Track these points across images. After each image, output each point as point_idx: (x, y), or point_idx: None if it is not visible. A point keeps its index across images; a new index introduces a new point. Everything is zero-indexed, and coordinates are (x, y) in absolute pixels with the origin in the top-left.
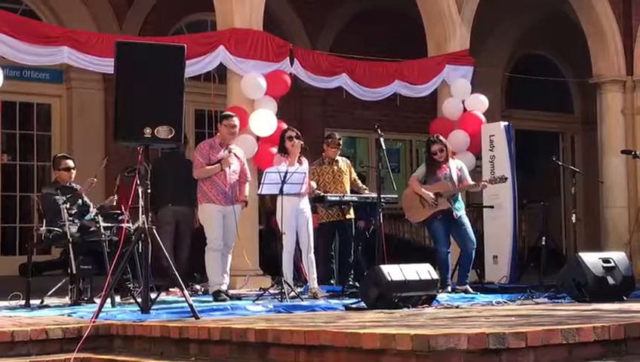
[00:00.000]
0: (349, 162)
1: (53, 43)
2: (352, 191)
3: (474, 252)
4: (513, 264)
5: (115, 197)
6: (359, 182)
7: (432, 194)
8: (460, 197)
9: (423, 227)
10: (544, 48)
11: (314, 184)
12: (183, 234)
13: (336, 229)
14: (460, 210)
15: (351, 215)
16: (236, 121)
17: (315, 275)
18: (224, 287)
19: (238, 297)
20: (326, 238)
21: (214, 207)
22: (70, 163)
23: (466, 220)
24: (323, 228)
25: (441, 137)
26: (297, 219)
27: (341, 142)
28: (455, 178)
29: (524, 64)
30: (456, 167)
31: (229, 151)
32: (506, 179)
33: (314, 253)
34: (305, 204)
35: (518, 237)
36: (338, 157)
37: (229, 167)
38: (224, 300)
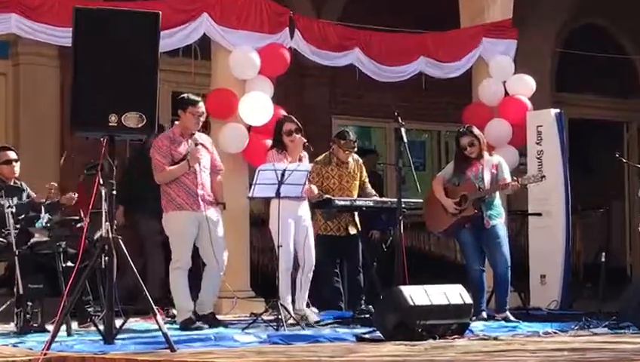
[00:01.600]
0: (360, 161)
1: None
2: (358, 196)
3: (508, 272)
4: (565, 285)
5: (76, 196)
6: (369, 186)
7: (450, 201)
8: (496, 202)
9: (448, 238)
10: (604, 19)
11: (314, 188)
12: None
13: (336, 246)
14: (495, 219)
15: (353, 230)
16: (204, 107)
17: (305, 293)
18: (208, 310)
19: (224, 324)
20: (326, 253)
21: (185, 215)
22: (11, 154)
23: (501, 231)
24: (320, 243)
25: (474, 128)
26: (296, 229)
27: (357, 144)
28: (487, 178)
29: (580, 38)
30: (493, 163)
31: (195, 143)
32: (543, 178)
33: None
34: (304, 211)
35: (571, 252)
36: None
37: (199, 164)
38: (199, 329)
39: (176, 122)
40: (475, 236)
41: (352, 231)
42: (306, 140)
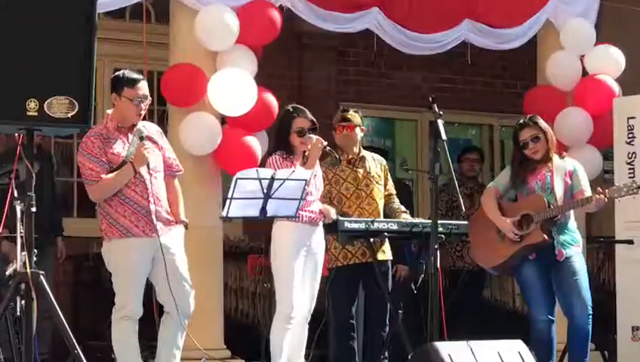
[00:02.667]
0: (384, 162)
1: None
2: (385, 216)
3: (589, 322)
4: None
5: None
6: (396, 201)
7: (508, 221)
8: (570, 224)
9: (505, 276)
10: None
11: (331, 210)
12: None
13: (360, 279)
14: (570, 247)
15: (386, 254)
16: (146, 88)
17: (301, 353)
18: None
19: None
20: (343, 294)
21: (135, 244)
22: None
23: (579, 265)
24: (337, 278)
25: (540, 119)
26: (304, 264)
27: (358, 117)
28: (560, 189)
29: None
30: (566, 170)
31: (141, 137)
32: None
33: (311, 320)
34: (320, 238)
35: None
36: (365, 153)
37: (148, 166)
38: None
39: (109, 112)
40: (542, 273)
41: (383, 256)
42: (326, 143)
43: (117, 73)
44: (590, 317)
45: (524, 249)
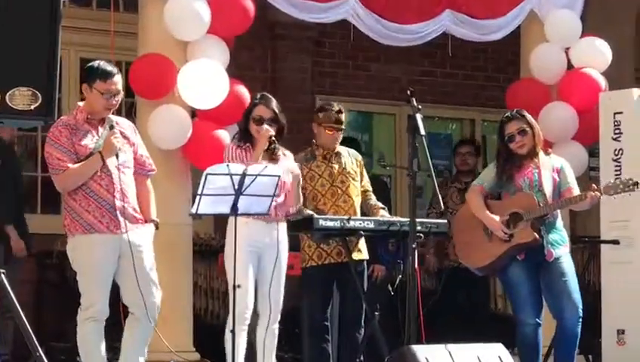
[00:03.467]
0: (359, 157)
1: None
2: (362, 213)
3: (579, 325)
4: None
5: None
6: (372, 197)
7: (497, 220)
8: (558, 224)
9: (488, 276)
10: None
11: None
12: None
13: (334, 279)
14: (559, 247)
15: (362, 253)
16: (119, 83)
17: (271, 358)
18: None
19: None
20: (318, 295)
21: (99, 240)
22: None
23: (568, 266)
24: (310, 278)
25: (526, 113)
26: (262, 262)
27: (344, 116)
28: (549, 186)
29: None
30: (553, 167)
31: (111, 126)
32: (636, 185)
33: (280, 322)
34: (282, 235)
35: None
36: (341, 148)
37: (117, 157)
38: None
39: (80, 103)
40: (530, 274)
41: (359, 255)
42: (273, 132)
43: (92, 63)
44: (580, 320)
45: (513, 248)
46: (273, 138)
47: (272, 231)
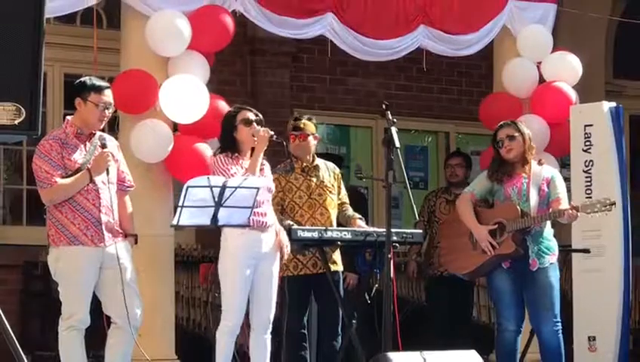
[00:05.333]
0: (337, 170)
1: None
2: (337, 224)
3: (558, 337)
4: (623, 351)
5: None
6: (349, 209)
7: (484, 230)
8: (546, 233)
9: (473, 282)
10: None
11: (286, 242)
12: None
13: (311, 290)
14: (544, 258)
15: (338, 264)
16: (111, 96)
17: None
18: None
19: None
20: (295, 305)
21: (83, 252)
22: None
23: (552, 278)
24: (288, 287)
25: (520, 122)
26: (256, 270)
27: (311, 125)
28: (535, 197)
29: None
30: (544, 177)
31: (102, 145)
32: (613, 205)
33: (271, 329)
34: (270, 244)
35: (631, 304)
36: (319, 161)
37: (107, 172)
38: None
39: (69, 117)
40: (514, 282)
41: (334, 266)
42: (273, 133)
43: (83, 78)
44: (559, 331)
45: (495, 258)
46: (274, 135)
47: (269, 240)
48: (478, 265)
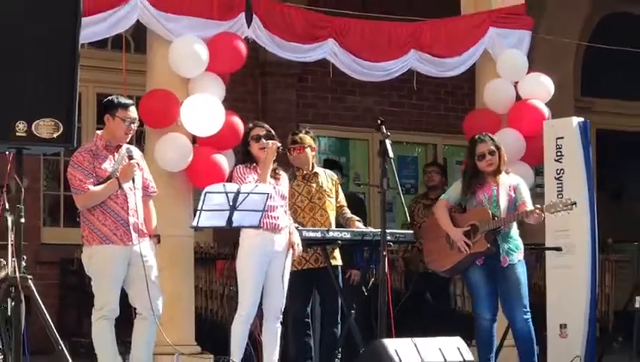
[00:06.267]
0: (335, 177)
1: None
2: (337, 224)
3: (529, 323)
4: (591, 338)
5: None
6: (347, 211)
7: (460, 232)
8: (513, 233)
9: (451, 278)
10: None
11: (299, 246)
12: None
13: (313, 283)
14: (513, 255)
15: (337, 259)
16: (135, 112)
17: (275, 356)
18: None
19: None
20: (299, 296)
21: (113, 250)
22: None
23: (520, 272)
24: (293, 281)
25: (494, 136)
26: (269, 267)
27: (308, 138)
28: (504, 202)
29: (610, 29)
30: (510, 185)
31: (130, 156)
32: (574, 204)
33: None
34: (282, 244)
35: (598, 296)
36: (318, 169)
37: (133, 181)
38: None
39: (99, 132)
40: (488, 277)
41: (334, 261)
42: (280, 144)
43: (111, 97)
44: (529, 320)
45: (470, 256)
46: (281, 148)
47: (282, 240)
48: (456, 262)
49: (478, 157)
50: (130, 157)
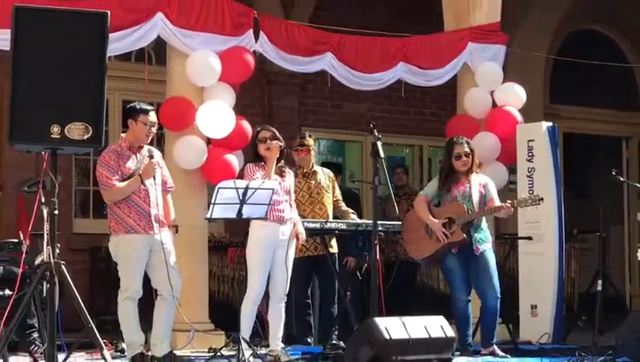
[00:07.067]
0: (331, 174)
1: None
2: (334, 217)
3: (498, 304)
4: (558, 317)
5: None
6: (343, 205)
7: (439, 223)
8: (483, 225)
9: (428, 264)
10: (602, 23)
11: (302, 234)
12: None
13: (313, 268)
14: (484, 244)
15: (334, 248)
16: (155, 117)
17: (280, 333)
18: (165, 350)
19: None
20: (300, 280)
21: (137, 239)
22: None
23: (491, 258)
24: (295, 267)
25: (470, 141)
26: (275, 254)
27: (311, 141)
28: (476, 198)
29: (576, 44)
30: (480, 183)
31: (151, 156)
32: (541, 200)
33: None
34: (287, 233)
35: (564, 279)
36: (317, 168)
37: (154, 178)
38: None
39: (123, 134)
40: (462, 263)
41: (331, 249)
42: (283, 144)
43: (134, 104)
44: (499, 300)
45: (447, 245)
46: (282, 146)
47: (287, 231)
48: (434, 251)
49: (455, 157)
50: (151, 157)
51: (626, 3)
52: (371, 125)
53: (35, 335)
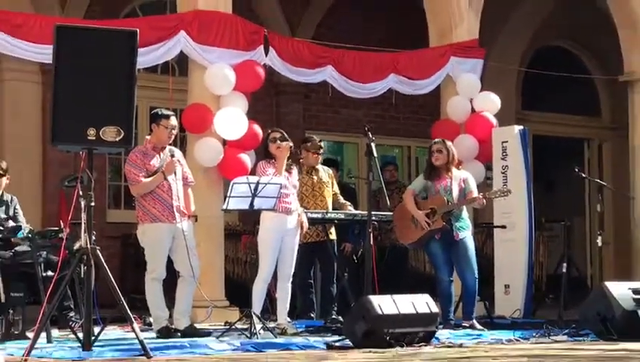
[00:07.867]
0: (331, 172)
1: None
2: (333, 208)
3: (476, 283)
4: (528, 295)
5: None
6: (341, 198)
7: (422, 214)
8: (464, 215)
9: (415, 249)
10: (567, 40)
11: (306, 223)
12: None
13: (315, 252)
14: (463, 231)
15: (333, 235)
16: (175, 121)
17: (286, 309)
18: (186, 323)
19: (200, 333)
20: (304, 263)
21: (161, 227)
22: (2, 165)
23: (470, 244)
24: (300, 252)
25: (448, 141)
26: (282, 241)
27: (323, 145)
28: (456, 191)
29: (544, 58)
30: (461, 178)
31: (172, 155)
32: (509, 192)
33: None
34: (293, 223)
35: (534, 263)
36: (319, 166)
37: (175, 174)
38: (174, 336)
39: (148, 137)
40: (444, 248)
41: (332, 236)
42: (292, 144)
43: (157, 110)
44: (477, 280)
45: (430, 231)
46: (292, 147)
47: (293, 220)
48: (418, 237)
49: (431, 153)
50: (172, 156)
51: (587, 23)
52: (366, 128)
53: (72, 314)
